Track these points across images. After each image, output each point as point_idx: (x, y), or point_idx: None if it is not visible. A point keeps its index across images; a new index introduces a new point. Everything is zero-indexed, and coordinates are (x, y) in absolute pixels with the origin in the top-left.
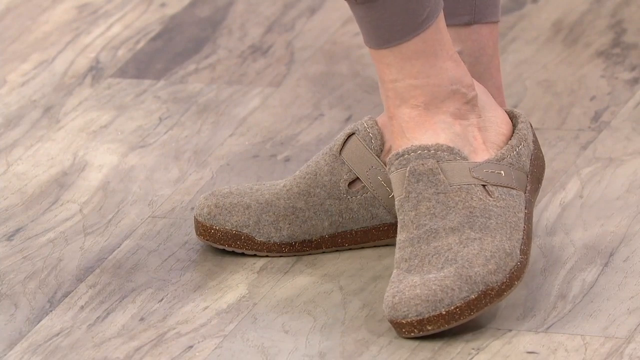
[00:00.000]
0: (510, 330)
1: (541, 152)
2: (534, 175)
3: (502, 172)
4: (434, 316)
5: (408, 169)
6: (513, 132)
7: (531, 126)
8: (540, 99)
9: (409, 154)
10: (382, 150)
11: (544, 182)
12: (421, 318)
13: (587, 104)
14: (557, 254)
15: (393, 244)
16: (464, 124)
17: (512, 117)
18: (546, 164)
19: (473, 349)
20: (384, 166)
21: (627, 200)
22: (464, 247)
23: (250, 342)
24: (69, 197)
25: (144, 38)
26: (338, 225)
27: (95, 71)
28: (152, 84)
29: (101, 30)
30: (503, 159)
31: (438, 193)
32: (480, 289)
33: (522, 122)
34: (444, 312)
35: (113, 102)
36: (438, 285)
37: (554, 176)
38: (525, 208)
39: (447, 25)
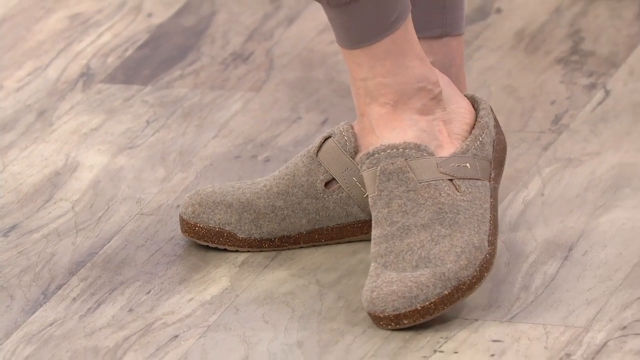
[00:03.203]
0: (476, 320)
1: (502, 135)
2: (497, 160)
3: (468, 164)
4: (409, 311)
5: (379, 168)
6: (476, 119)
7: (492, 110)
8: (504, 103)
9: (378, 154)
10: (356, 153)
11: (507, 181)
12: (398, 313)
13: (547, 108)
14: (520, 249)
15: (367, 240)
16: (430, 119)
17: (474, 103)
18: (510, 165)
19: (442, 337)
20: (359, 168)
21: (585, 198)
22: (436, 244)
23: (232, 332)
24: (61, 196)
25: (132, 46)
26: (315, 222)
27: (86, 77)
28: (140, 89)
29: (92, 38)
30: (467, 150)
31: (408, 191)
32: (453, 284)
33: (483, 108)
34: (419, 308)
35: (103, 106)
36: (414, 282)
37: (517, 175)
38: (491, 197)
39: (420, 38)
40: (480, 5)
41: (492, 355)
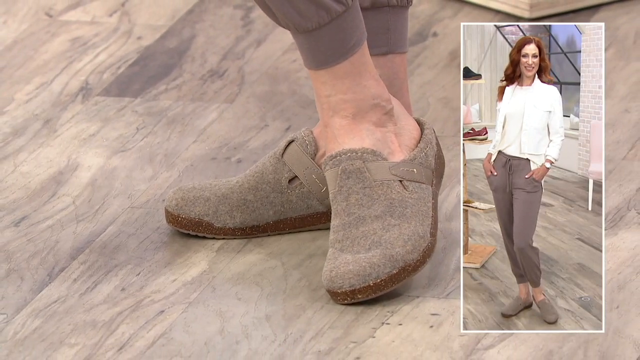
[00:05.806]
0: (417, 297)
1: (442, 153)
2: (437, 171)
3: (415, 170)
4: (363, 287)
5: (340, 168)
6: (421, 136)
7: (434, 132)
8: (440, 112)
9: (340, 156)
10: (316, 154)
11: (444, 178)
12: (353, 289)
13: None
14: (455, 236)
15: (325, 229)
16: (383, 131)
17: (420, 124)
18: (445, 164)
19: (388, 311)
20: (317, 167)
21: None
22: (387, 231)
23: (210, 308)
24: (64, 192)
25: (124, 64)
26: (280, 213)
27: (85, 91)
28: (131, 101)
29: (90, 58)
30: (415, 159)
31: (365, 187)
32: (400, 265)
33: (427, 128)
34: (372, 284)
35: (99, 115)
36: (367, 263)
37: (452, 174)
38: (432, 199)
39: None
40: (419, 30)
41: (431, 326)
